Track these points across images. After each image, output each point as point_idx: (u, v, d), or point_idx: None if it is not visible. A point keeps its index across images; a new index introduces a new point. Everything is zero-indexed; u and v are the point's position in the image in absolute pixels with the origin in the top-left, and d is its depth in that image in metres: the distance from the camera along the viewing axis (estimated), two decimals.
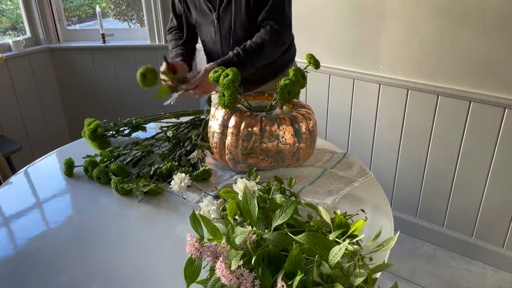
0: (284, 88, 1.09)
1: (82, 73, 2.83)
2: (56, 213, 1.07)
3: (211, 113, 1.18)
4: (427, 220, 2.17)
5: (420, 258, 2.10)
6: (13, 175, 1.29)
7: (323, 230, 0.83)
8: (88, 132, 1.38)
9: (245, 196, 0.79)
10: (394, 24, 1.91)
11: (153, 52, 2.76)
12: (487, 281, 1.95)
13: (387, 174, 2.19)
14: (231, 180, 1.16)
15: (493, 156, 1.84)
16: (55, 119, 2.90)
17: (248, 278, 0.65)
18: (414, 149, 2.06)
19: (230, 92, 1.08)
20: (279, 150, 1.10)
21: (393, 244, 0.76)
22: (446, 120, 1.91)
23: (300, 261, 0.67)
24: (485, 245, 2.02)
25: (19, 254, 0.92)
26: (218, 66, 1.20)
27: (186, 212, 1.02)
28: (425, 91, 1.92)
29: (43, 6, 2.64)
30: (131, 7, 3.29)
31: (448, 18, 1.76)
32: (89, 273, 0.86)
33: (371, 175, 1.20)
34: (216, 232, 0.76)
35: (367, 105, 2.12)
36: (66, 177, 1.24)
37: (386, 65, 2.00)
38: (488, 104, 1.77)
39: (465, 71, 1.79)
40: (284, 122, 1.09)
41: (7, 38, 2.69)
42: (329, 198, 1.06)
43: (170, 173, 1.15)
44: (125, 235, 0.98)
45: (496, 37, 1.68)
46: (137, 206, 1.08)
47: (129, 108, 2.90)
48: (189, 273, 0.73)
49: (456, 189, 2.01)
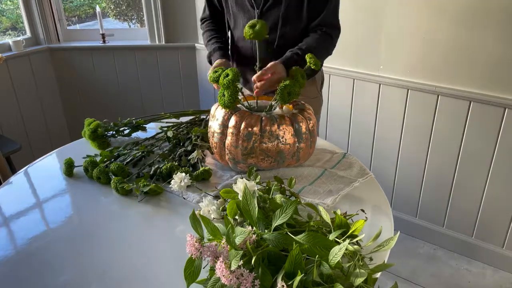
0: (284, 89, 1.09)
1: (82, 73, 2.83)
2: (56, 213, 1.07)
3: (211, 113, 1.18)
4: (427, 220, 2.17)
5: (420, 258, 2.10)
6: (13, 175, 1.29)
7: (323, 230, 0.83)
8: (88, 132, 1.38)
9: (245, 196, 0.79)
10: (394, 24, 1.91)
11: (153, 52, 2.76)
12: (487, 281, 1.95)
13: (387, 174, 2.19)
14: (231, 180, 1.16)
15: (493, 156, 1.84)
16: (55, 119, 2.90)
17: (248, 278, 0.65)
18: (414, 149, 2.06)
19: (230, 92, 1.08)
20: (279, 150, 1.10)
21: (393, 244, 0.76)
22: (446, 120, 1.91)
23: (300, 261, 0.67)
24: (485, 245, 2.02)
25: (19, 254, 0.92)
26: (282, 63, 1.25)
27: (186, 212, 1.02)
28: (425, 91, 1.92)
29: (43, 6, 2.64)
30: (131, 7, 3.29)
31: (448, 18, 1.76)
32: (89, 273, 0.86)
33: (371, 175, 1.20)
34: (216, 232, 0.76)
35: (367, 105, 2.12)
36: (66, 177, 1.24)
37: (386, 65, 2.00)
38: (488, 104, 1.77)
39: (465, 71, 1.79)
40: (284, 122, 1.09)
41: (7, 38, 2.69)
42: (329, 198, 1.06)
43: (170, 173, 1.15)
44: (125, 235, 0.98)
45: (496, 37, 1.68)
46: (137, 206, 1.08)
47: (129, 108, 2.90)
48: (189, 273, 0.73)
49: (456, 189, 2.01)
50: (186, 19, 2.68)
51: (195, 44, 2.71)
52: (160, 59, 2.78)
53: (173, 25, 2.70)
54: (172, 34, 2.73)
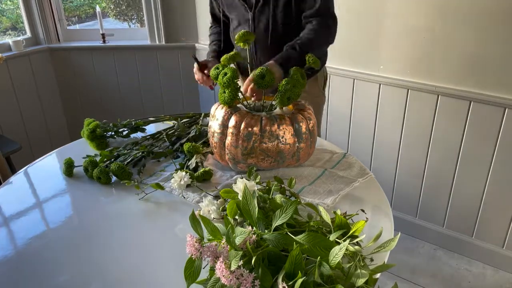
0: (284, 94, 1.09)
1: (82, 73, 2.83)
2: (56, 213, 1.07)
3: (211, 113, 1.18)
4: (427, 220, 2.17)
5: (420, 258, 2.10)
6: (13, 175, 1.29)
7: (323, 230, 0.83)
8: (87, 132, 1.38)
9: (245, 196, 0.79)
10: (394, 24, 1.91)
11: (153, 52, 2.76)
12: (487, 281, 1.95)
13: (387, 174, 2.19)
14: (231, 180, 1.16)
15: (493, 156, 1.84)
16: (55, 119, 2.90)
17: (248, 279, 0.65)
18: (414, 149, 2.06)
19: (230, 90, 1.09)
20: (279, 150, 1.10)
21: (394, 245, 0.76)
22: (446, 120, 1.91)
23: (301, 261, 0.67)
24: (485, 245, 2.02)
25: (19, 254, 0.92)
26: (278, 64, 1.23)
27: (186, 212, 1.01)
28: (425, 91, 1.92)
29: (43, 6, 2.64)
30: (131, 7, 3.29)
31: (448, 18, 1.76)
32: (89, 273, 0.86)
33: (371, 175, 1.20)
34: (216, 232, 0.76)
35: (367, 105, 2.12)
36: (66, 177, 1.24)
37: (386, 65, 2.00)
38: (488, 104, 1.77)
39: (465, 71, 1.79)
40: (284, 122, 1.09)
41: (7, 38, 2.69)
42: (329, 198, 1.06)
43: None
44: (125, 235, 0.98)
45: (496, 37, 1.68)
46: (137, 206, 1.08)
47: (129, 108, 2.90)
48: (189, 273, 0.73)
49: (456, 189, 2.01)
50: (186, 19, 2.68)
51: (195, 44, 2.71)
52: (160, 59, 2.78)
53: (173, 25, 2.70)
54: (172, 34, 2.73)
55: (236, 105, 1.16)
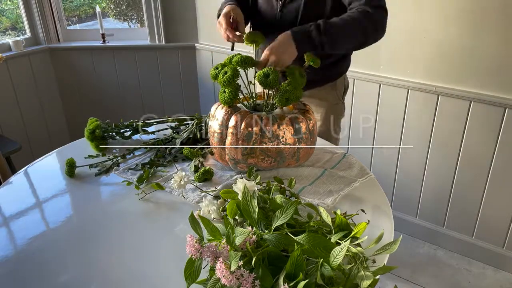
0: (283, 95, 1.08)
1: (82, 73, 2.83)
2: (56, 213, 1.07)
3: (211, 113, 1.18)
4: (427, 220, 2.17)
5: (420, 258, 2.10)
6: (13, 175, 1.29)
7: (323, 230, 0.83)
8: (87, 132, 1.38)
9: (245, 196, 0.79)
10: (394, 24, 1.90)
11: (153, 52, 2.76)
12: (487, 281, 1.95)
13: (387, 174, 2.19)
14: (231, 180, 1.16)
15: (493, 156, 1.84)
16: (55, 119, 2.90)
17: (248, 279, 0.65)
18: (414, 149, 2.06)
19: (230, 89, 1.09)
20: (279, 150, 1.10)
21: (396, 247, 0.75)
22: (446, 120, 1.91)
23: (302, 262, 0.67)
24: (485, 245, 2.02)
25: (19, 254, 0.92)
26: (294, 33, 1.12)
27: (186, 212, 1.01)
28: (425, 91, 1.92)
29: (43, 6, 2.64)
30: (131, 7, 3.29)
31: (449, 18, 1.76)
32: (89, 273, 0.86)
33: (371, 175, 1.20)
34: (216, 232, 0.76)
35: (367, 105, 2.12)
36: (66, 177, 1.24)
37: (386, 65, 2.00)
38: (488, 104, 1.77)
39: (465, 71, 1.79)
40: (284, 122, 1.09)
41: (7, 38, 2.69)
42: (329, 198, 1.06)
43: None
44: (125, 235, 0.98)
45: (496, 37, 1.68)
46: (137, 206, 1.08)
47: (129, 108, 2.90)
48: (189, 273, 0.73)
49: (456, 189, 2.01)
50: (186, 19, 2.68)
51: (195, 44, 2.71)
52: (160, 59, 2.78)
53: (173, 25, 2.70)
54: (172, 34, 2.73)
55: (236, 105, 1.16)
